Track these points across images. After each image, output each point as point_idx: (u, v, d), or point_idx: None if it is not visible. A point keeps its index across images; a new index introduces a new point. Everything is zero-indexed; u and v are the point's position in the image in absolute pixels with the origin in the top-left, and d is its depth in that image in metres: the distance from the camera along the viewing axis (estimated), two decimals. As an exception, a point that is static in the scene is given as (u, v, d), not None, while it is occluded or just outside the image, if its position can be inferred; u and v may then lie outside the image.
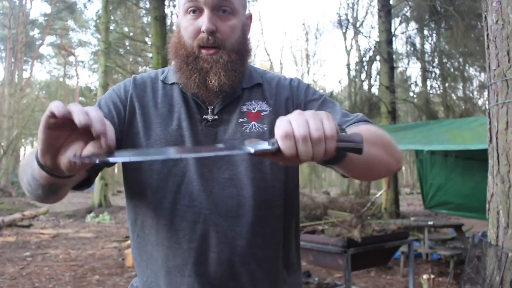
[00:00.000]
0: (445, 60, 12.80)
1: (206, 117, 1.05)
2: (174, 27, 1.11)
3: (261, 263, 1.02)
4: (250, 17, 1.12)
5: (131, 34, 19.32)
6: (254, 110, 1.08)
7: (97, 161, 0.67)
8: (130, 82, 1.11)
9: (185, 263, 1.00)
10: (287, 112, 1.07)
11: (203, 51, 1.01)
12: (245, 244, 1.00)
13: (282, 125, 0.69)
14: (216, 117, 1.05)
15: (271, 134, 1.03)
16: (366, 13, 23.15)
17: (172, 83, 1.10)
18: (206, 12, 0.99)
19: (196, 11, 1.01)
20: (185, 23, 1.03)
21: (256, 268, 1.01)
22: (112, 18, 17.63)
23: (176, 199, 1.01)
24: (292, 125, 0.69)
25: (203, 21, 0.99)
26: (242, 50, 1.06)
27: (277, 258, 1.06)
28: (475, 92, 15.51)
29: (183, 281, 1.00)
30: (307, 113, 0.70)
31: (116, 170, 29.10)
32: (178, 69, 1.04)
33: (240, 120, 1.06)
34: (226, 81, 1.02)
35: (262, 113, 1.08)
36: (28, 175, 0.86)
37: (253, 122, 1.06)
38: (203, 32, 0.99)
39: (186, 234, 1.00)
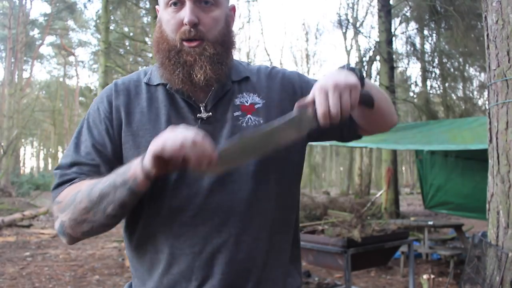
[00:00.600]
0: (445, 60, 12.80)
1: (200, 115, 1.01)
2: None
3: (268, 265, 1.00)
4: (233, 8, 1.09)
5: (131, 34, 19.32)
6: (247, 102, 1.05)
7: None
8: (111, 90, 1.06)
9: (190, 268, 0.96)
10: (281, 105, 1.06)
11: (186, 44, 0.98)
12: (250, 240, 0.97)
13: (316, 84, 0.87)
14: (210, 113, 1.02)
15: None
16: (366, 13, 23.17)
17: (157, 84, 1.05)
18: (188, 4, 0.97)
19: (178, 3, 0.98)
20: (167, 16, 1.00)
21: (264, 263, 0.99)
22: (112, 18, 17.62)
23: (173, 204, 0.98)
24: (322, 83, 0.86)
25: (185, 13, 0.96)
26: (226, 42, 1.03)
27: (284, 260, 1.05)
28: (475, 92, 15.52)
29: (190, 286, 0.96)
30: (334, 74, 0.88)
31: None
32: (161, 64, 1.01)
33: (236, 113, 1.03)
34: (212, 74, 0.99)
35: (256, 106, 1.05)
36: (107, 201, 0.90)
37: (248, 116, 1.03)
38: (185, 24, 0.97)
39: (187, 239, 0.96)
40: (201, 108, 1.02)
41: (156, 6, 1.07)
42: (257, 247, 0.98)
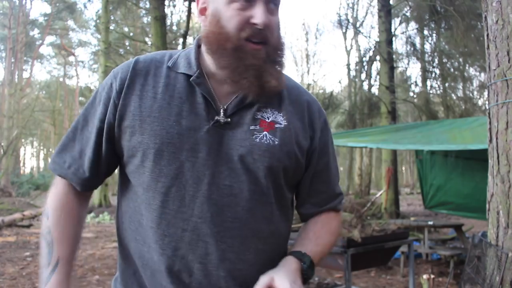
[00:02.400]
0: (445, 60, 12.81)
1: (218, 118, 0.95)
2: (201, 18, 0.99)
3: (248, 280, 0.93)
4: None
5: (131, 34, 19.32)
6: (268, 119, 0.98)
7: None
8: (129, 67, 0.99)
9: (169, 270, 0.93)
10: (296, 138, 1.00)
11: (250, 45, 0.91)
12: (234, 258, 0.93)
13: None
14: (229, 120, 0.95)
15: (281, 149, 0.97)
16: (366, 13, 23.18)
17: (181, 73, 0.98)
18: (261, 4, 0.90)
19: (248, 0, 0.91)
20: (230, 12, 0.91)
21: (242, 284, 0.94)
22: (112, 18, 17.64)
23: (164, 202, 0.93)
24: None
25: (258, 13, 0.90)
26: (282, 47, 0.98)
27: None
28: (475, 92, 15.52)
29: (165, 287, 0.94)
30: None
31: (116, 170, 29.06)
32: (228, 65, 0.93)
33: (252, 127, 0.96)
34: (282, 82, 0.97)
35: (276, 125, 0.98)
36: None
37: (265, 132, 0.96)
38: (257, 25, 0.89)
39: (172, 240, 0.93)
40: (221, 111, 0.96)
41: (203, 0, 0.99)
42: (243, 263, 0.95)
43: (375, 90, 14.17)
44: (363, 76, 15.46)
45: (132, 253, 1.00)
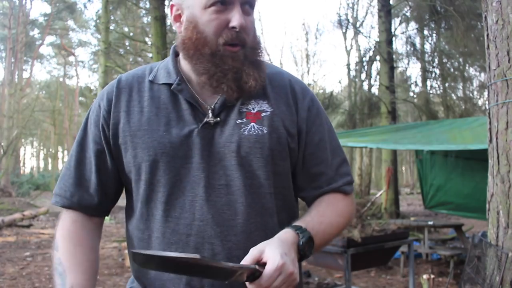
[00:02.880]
0: (445, 60, 12.80)
1: (208, 120, 0.96)
2: (176, 24, 1.00)
3: None
4: None
5: (131, 34, 19.32)
6: (254, 110, 0.99)
7: None
8: (113, 87, 1.01)
9: (179, 276, 0.93)
10: (283, 122, 0.99)
11: (228, 48, 0.92)
12: (242, 254, 0.91)
13: (273, 262, 0.81)
14: (218, 119, 0.96)
15: (270, 137, 0.96)
16: (366, 13, 23.18)
17: (162, 83, 0.99)
18: (237, 7, 0.90)
19: (225, 3, 0.91)
20: (207, 16, 0.91)
21: None
22: (112, 18, 17.63)
23: (166, 210, 0.94)
24: (278, 264, 0.81)
25: (235, 16, 0.90)
26: (259, 47, 0.99)
27: None
28: (475, 92, 15.52)
29: None
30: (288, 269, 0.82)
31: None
32: (205, 71, 0.93)
33: (239, 121, 0.97)
34: (260, 82, 0.96)
35: (263, 114, 0.99)
36: None
37: (252, 124, 0.97)
38: (234, 28, 0.90)
39: (178, 247, 0.93)
40: (209, 112, 0.97)
41: (172, 2, 0.99)
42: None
43: (375, 90, 14.16)
44: (363, 76, 15.45)
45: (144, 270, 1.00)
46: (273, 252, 0.82)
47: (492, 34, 2.26)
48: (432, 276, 3.53)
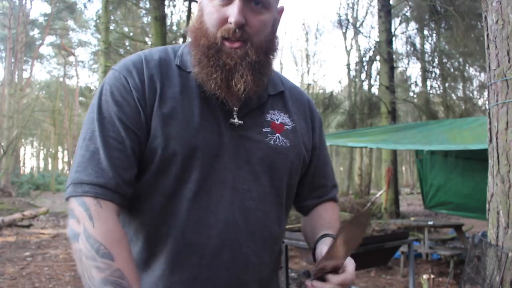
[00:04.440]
0: (445, 60, 12.81)
1: (233, 121, 0.92)
2: (195, 10, 0.97)
3: (264, 281, 0.97)
4: (281, 11, 0.98)
5: (131, 34, 19.33)
6: (277, 121, 0.99)
7: None
8: (142, 67, 0.91)
9: (193, 279, 0.88)
10: (302, 138, 1.03)
11: (227, 43, 0.88)
12: (256, 262, 0.92)
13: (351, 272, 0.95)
14: (242, 122, 0.93)
15: (292, 151, 0.98)
16: (366, 13, 23.20)
17: (190, 72, 0.93)
18: (237, 2, 0.86)
19: None
20: (211, 8, 0.89)
21: (259, 286, 0.95)
22: (112, 18, 17.64)
23: (190, 208, 0.88)
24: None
25: (233, 12, 0.86)
26: (270, 49, 0.93)
27: (275, 276, 1.04)
28: (475, 92, 15.52)
29: None
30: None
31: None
32: (198, 62, 0.90)
33: (265, 129, 0.96)
34: (254, 86, 0.90)
35: (285, 127, 0.99)
36: None
37: (277, 134, 0.97)
38: (231, 23, 0.86)
39: (198, 249, 0.88)
40: (234, 114, 0.93)
41: None
42: (262, 265, 0.95)
43: (375, 90, 14.18)
44: (363, 76, 15.47)
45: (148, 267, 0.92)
46: (349, 260, 0.98)
47: (492, 34, 2.26)
48: (432, 276, 3.53)
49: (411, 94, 15.89)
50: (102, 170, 0.83)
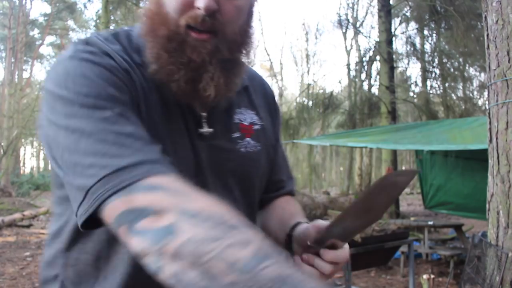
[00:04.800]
0: (445, 60, 12.81)
1: (202, 131, 0.76)
2: None
3: None
4: None
5: (131, 34, 19.34)
6: (246, 121, 0.84)
7: None
8: (119, 58, 0.71)
9: None
10: (270, 136, 0.91)
11: (192, 34, 0.69)
12: None
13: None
14: (212, 130, 0.78)
15: (263, 154, 0.86)
16: (366, 13, 23.16)
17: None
18: None
19: None
20: None
21: None
22: (112, 18, 17.64)
23: None
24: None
25: None
26: (245, 43, 0.76)
27: None
28: (475, 92, 15.52)
29: None
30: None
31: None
32: (156, 57, 0.70)
33: (234, 135, 0.81)
34: (226, 91, 0.74)
35: (254, 127, 0.85)
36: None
37: (247, 139, 0.83)
38: (199, 9, 0.67)
39: None
40: (203, 121, 0.77)
41: None
42: None
43: (375, 90, 14.17)
44: (363, 76, 15.46)
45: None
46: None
47: (492, 34, 2.26)
48: (432, 276, 3.53)
49: (411, 94, 15.89)
50: (143, 145, 0.63)
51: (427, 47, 13.99)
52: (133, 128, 0.64)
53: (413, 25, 13.16)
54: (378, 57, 12.13)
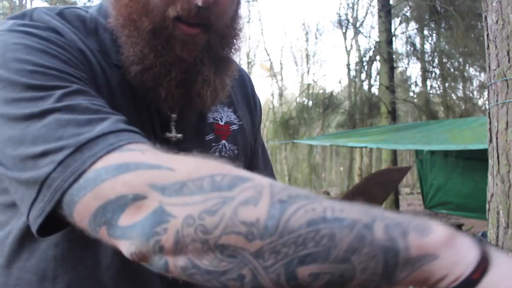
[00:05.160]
0: (445, 60, 12.82)
1: (169, 135, 0.66)
2: None
3: None
4: None
5: (131, 34, 19.39)
6: (221, 120, 0.73)
7: None
8: (75, 40, 0.59)
9: None
10: (249, 135, 0.80)
11: (182, 27, 0.58)
12: None
13: None
14: (180, 135, 0.67)
15: (241, 157, 0.76)
16: (366, 13, 23.16)
17: (116, 65, 0.62)
18: None
19: None
20: None
21: None
22: (112, 18, 17.68)
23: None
24: None
25: None
26: (235, 36, 0.66)
27: None
28: (475, 92, 15.53)
29: None
30: None
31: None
32: (139, 58, 0.59)
33: (208, 137, 0.71)
34: (221, 95, 0.65)
35: (231, 127, 0.75)
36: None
37: (223, 141, 0.73)
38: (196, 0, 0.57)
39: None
40: (172, 124, 0.66)
41: None
42: None
43: (375, 90, 14.17)
44: (363, 76, 15.46)
45: None
46: None
47: (492, 34, 2.26)
48: (432, 276, 3.54)
49: (411, 94, 15.90)
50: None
51: (427, 47, 14.01)
52: (91, 100, 0.53)
53: (413, 25, 13.17)
54: (378, 57, 12.14)
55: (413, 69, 20.03)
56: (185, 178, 0.43)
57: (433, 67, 13.15)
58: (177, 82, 0.60)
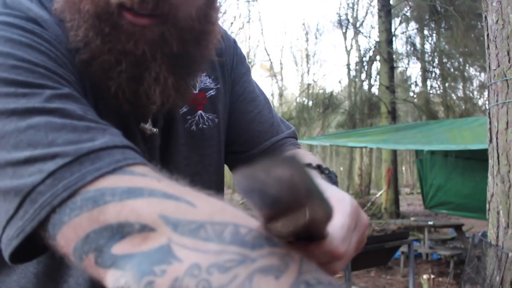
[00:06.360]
0: (445, 60, 12.83)
1: (144, 126, 0.59)
2: None
3: None
4: None
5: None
6: (196, 89, 0.66)
7: None
8: (58, 35, 0.51)
9: None
10: (229, 91, 0.72)
11: (127, 16, 0.49)
12: None
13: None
14: (156, 130, 0.61)
15: (223, 126, 0.70)
16: (366, 13, 23.15)
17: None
18: None
19: None
20: None
21: None
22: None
23: None
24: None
25: None
26: (206, 31, 0.56)
27: None
28: (475, 92, 15.53)
29: None
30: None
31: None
32: (84, 40, 0.50)
33: (181, 111, 0.64)
34: (177, 97, 0.55)
35: (208, 93, 0.67)
36: None
37: (199, 112, 0.66)
38: None
39: None
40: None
41: None
42: None
43: (375, 90, 14.17)
44: (363, 76, 15.46)
45: None
46: None
47: (492, 34, 2.26)
48: (432, 276, 3.54)
49: (411, 94, 15.90)
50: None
51: (427, 47, 14.01)
52: (84, 109, 0.45)
53: (413, 25, 13.18)
54: (378, 57, 12.14)
55: (413, 69, 20.04)
56: (205, 218, 0.35)
57: (433, 67, 13.17)
58: (128, 76, 0.51)
